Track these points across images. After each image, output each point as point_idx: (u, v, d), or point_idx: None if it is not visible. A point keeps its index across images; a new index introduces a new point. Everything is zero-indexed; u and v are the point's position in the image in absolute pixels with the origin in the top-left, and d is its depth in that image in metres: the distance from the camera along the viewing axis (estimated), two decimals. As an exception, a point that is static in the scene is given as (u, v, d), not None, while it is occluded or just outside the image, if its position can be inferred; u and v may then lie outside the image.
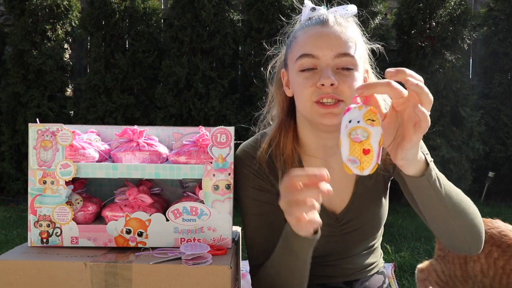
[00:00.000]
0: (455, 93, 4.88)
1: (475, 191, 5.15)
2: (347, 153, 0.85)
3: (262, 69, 4.97)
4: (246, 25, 5.08)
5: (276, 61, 1.33)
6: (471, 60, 5.47)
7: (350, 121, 0.85)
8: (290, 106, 1.28)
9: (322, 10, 1.20)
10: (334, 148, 1.24)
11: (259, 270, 1.22)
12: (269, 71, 1.33)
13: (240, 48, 5.19)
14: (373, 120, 0.84)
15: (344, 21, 1.17)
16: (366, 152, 0.83)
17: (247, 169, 1.24)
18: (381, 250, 1.50)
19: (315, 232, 1.05)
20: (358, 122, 0.84)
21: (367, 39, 1.24)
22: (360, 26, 1.23)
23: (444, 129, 4.79)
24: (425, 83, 0.86)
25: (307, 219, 0.96)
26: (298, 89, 1.15)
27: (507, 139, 5.09)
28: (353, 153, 0.84)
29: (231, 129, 1.14)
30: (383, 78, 1.26)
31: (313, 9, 1.20)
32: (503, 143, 5.11)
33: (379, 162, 0.86)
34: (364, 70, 1.19)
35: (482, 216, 1.16)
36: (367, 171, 0.85)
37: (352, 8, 1.21)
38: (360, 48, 1.17)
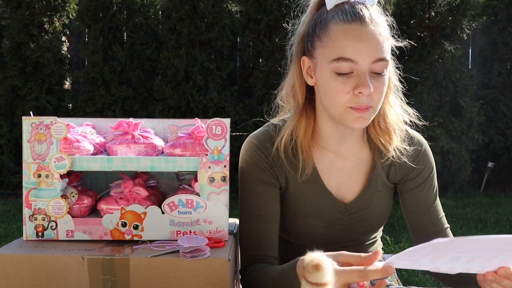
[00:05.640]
0: (454, 84, 4.87)
1: (475, 182, 5.15)
2: None
3: (260, 60, 4.96)
4: (244, 16, 5.05)
5: (292, 39, 1.27)
6: (470, 50, 5.45)
7: None
8: (309, 94, 1.25)
9: None
10: (349, 136, 1.25)
11: (250, 270, 1.23)
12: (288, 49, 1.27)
13: (238, 40, 5.17)
14: None
15: (377, 15, 1.14)
16: None
17: (254, 160, 1.24)
18: (381, 242, 1.51)
19: None
20: None
21: (394, 35, 1.21)
22: (384, 12, 1.20)
23: (443, 120, 4.78)
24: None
25: None
26: (332, 92, 1.13)
27: (507, 129, 5.08)
28: None
29: (227, 121, 1.13)
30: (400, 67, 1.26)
31: None
32: (502, 133, 5.11)
33: None
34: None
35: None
36: None
37: None
38: (389, 45, 1.16)
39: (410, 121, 1.29)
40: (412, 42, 1.28)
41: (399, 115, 1.26)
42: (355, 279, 0.89)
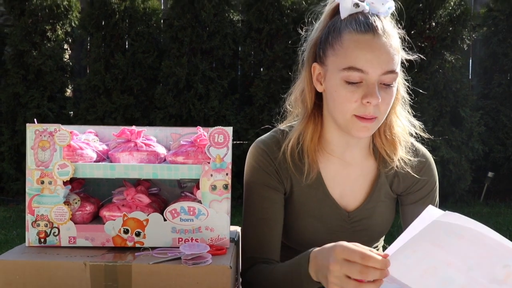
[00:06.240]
0: (454, 94, 4.88)
1: (475, 191, 5.15)
2: None
3: (262, 69, 4.97)
4: (246, 25, 5.08)
5: (304, 45, 1.28)
6: (470, 60, 5.46)
7: None
8: (317, 100, 1.27)
9: (365, 8, 1.16)
10: (355, 145, 1.26)
11: (252, 270, 1.24)
12: (300, 55, 1.29)
13: (240, 49, 5.19)
14: None
15: (389, 27, 1.15)
16: None
17: (260, 164, 1.26)
18: (382, 251, 1.51)
19: None
20: None
21: (404, 48, 1.22)
22: (397, 24, 1.22)
23: (443, 130, 4.79)
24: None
25: None
26: (340, 99, 1.15)
27: (507, 140, 5.09)
28: None
29: (229, 130, 1.13)
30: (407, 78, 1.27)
31: (356, 5, 1.16)
32: (502, 143, 5.11)
33: None
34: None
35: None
36: None
37: (391, 4, 1.18)
38: (400, 58, 1.17)
39: (416, 132, 1.30)
40: (422, 56, 1.30)
41: (405, 126, 1.27)
42: (355, 275, 0.89)
